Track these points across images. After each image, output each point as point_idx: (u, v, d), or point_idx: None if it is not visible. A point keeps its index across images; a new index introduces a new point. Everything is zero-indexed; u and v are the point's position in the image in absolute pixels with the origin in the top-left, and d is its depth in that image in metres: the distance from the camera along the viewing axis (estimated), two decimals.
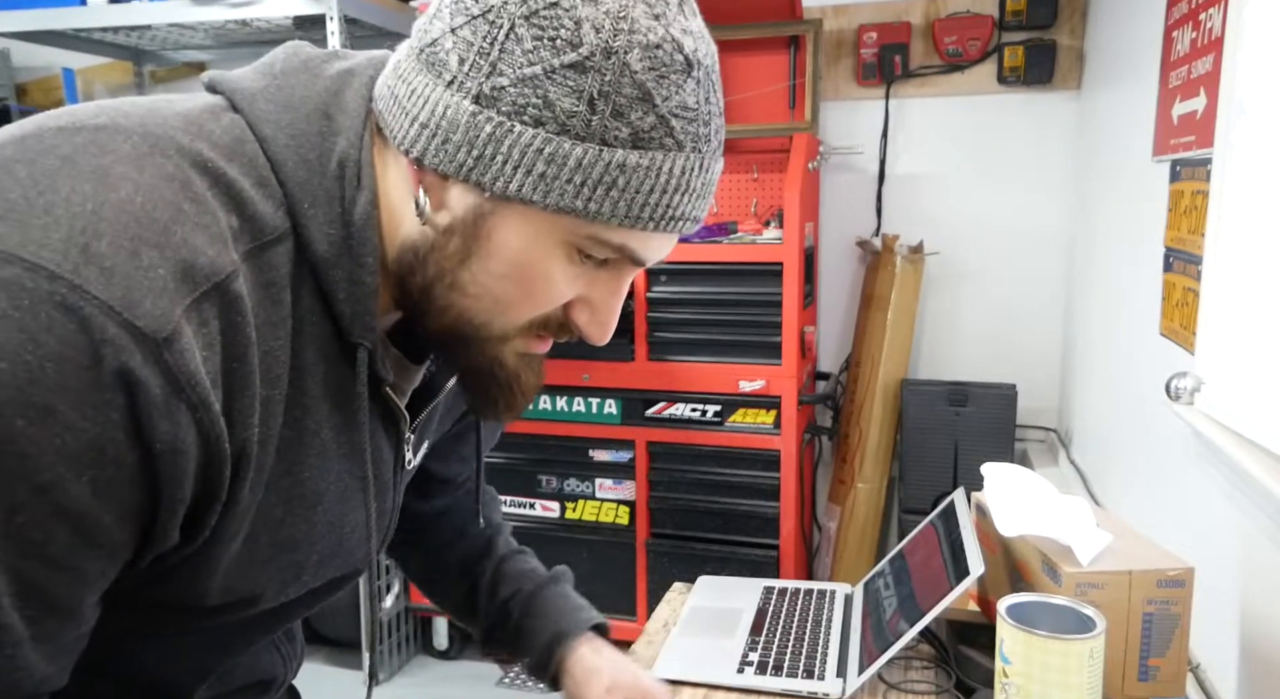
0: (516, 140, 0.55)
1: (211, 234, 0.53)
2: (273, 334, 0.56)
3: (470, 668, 2.67)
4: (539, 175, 0.55)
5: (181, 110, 0.58)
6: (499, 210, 0.57)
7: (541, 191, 0.55)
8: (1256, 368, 1.12)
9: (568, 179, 0.55)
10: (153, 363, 0.48)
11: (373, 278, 0.59)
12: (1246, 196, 1.16)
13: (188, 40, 2.86)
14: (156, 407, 0.49)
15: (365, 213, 0.59)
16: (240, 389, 0.54)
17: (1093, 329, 2.20)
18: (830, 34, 2.64)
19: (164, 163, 0.53)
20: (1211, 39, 1.33)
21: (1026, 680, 0.85)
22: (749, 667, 1.09)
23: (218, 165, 0.55)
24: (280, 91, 0.60)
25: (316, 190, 0.58)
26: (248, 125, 0.59)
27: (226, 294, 0.52)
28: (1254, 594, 1.09)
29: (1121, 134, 1.96)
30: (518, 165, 0.55)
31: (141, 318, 0.48)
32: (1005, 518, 1.06)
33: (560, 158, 0.54)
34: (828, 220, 2.76)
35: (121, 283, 0.48)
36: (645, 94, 0.54)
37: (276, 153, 0.58)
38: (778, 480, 2.32)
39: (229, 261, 0.53)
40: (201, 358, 0.51)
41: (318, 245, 0.58)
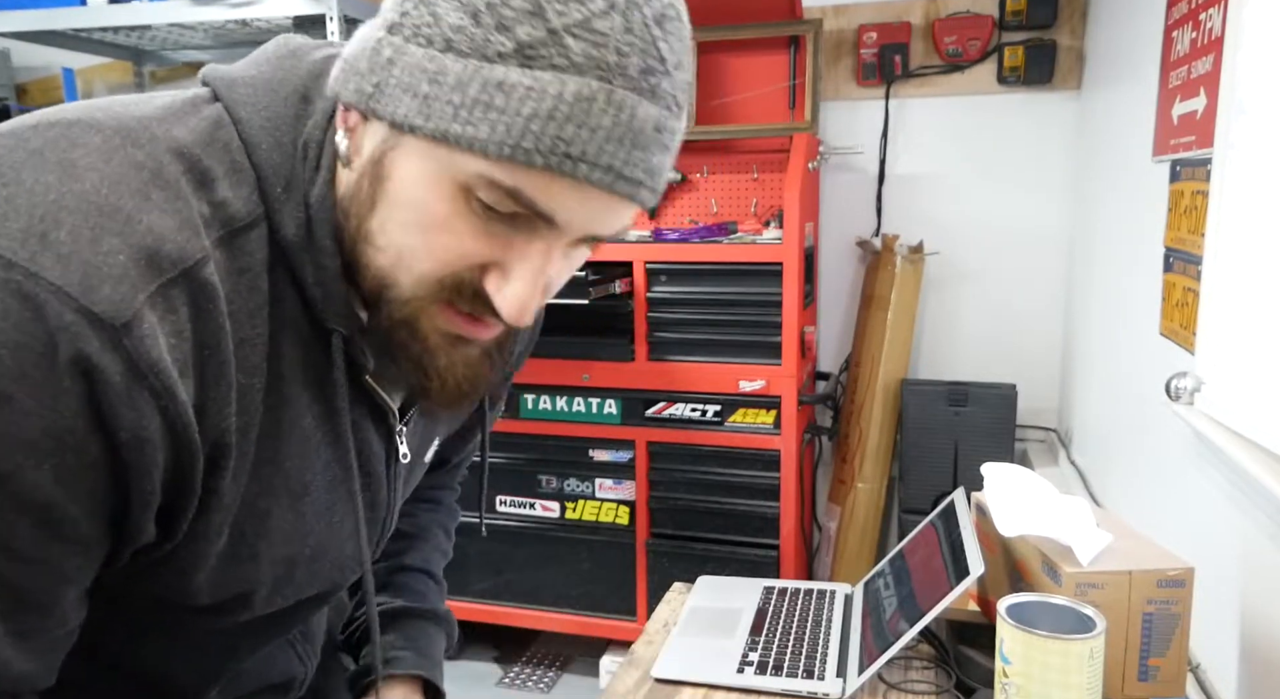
0: (406, 61, 0.52)
1: (181, 220, 0.52)
2: (249, 322, 0.56)
3: (470, 668, 2.67)
4: (422, 97, 0.52)
5: (162, 103, 0.58)
6: (397, 145, 0.54)
7: (423, 114, 0.52)
8: (1256, 368, 1.12)
9: (447, 99, 0.51)
10: (111, 349, 0.47)
11: (332, 261, 0.58)
12: (1246, 196, 1.16)
13: (188, 40, 2.86)
14: (117, 394, 0.48)
15: (321, 194, 0.57)
16: (214, 378, 0.53)
17: (1093, 329, 2.20)
18: (830, 34, 2.64)
19: (134, 153, 0.53)
20: (1211, 39, 1.33)
21: (1026, 680, 0.85)
22: (749, 667, 1.09)
23: (192, 152, 0.55)
24: (262, 77, 0.60)
25: (288, 174, 0.57)
26: (226, 111, 0.58)
27: (195, 281, 0.51)
28: (1254, 594, 1.09)
29: (1121, 134, 1.96)
30: (405, 87, 0.52)
31: (99, 304, 0.47)
32: (1005, 518, 1.06)
33: (442, 75, 0.51)
34: (828, 220, 2.76)
35: (79, 269, 0.47)
36: (537, 7, 0.50)
37: (251, 136, 0.57)
38: (778, 480, 2.32)
39: (198, 248, 0.52)
40: (168, 345, 0.50)
41: (286, 230, 0.57)
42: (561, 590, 2.51)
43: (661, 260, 2.33)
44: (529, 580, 2.53)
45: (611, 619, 2.48)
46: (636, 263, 2.34)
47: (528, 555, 2.53)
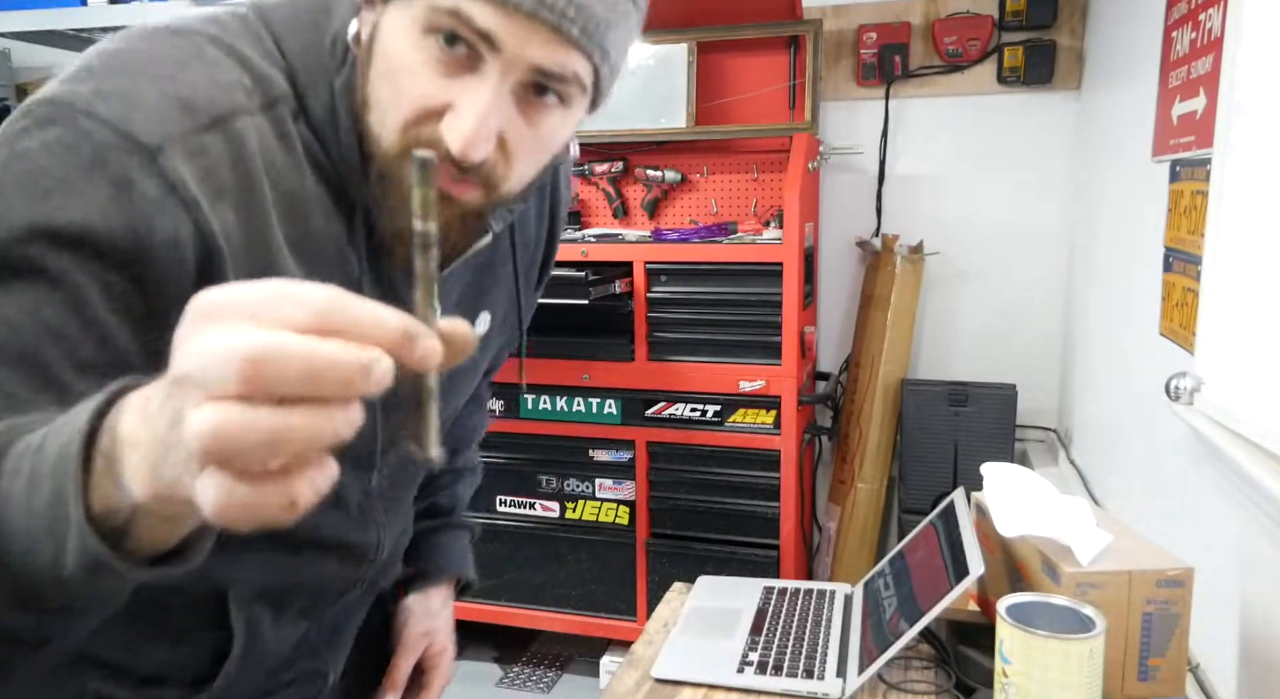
0: None
1: (217, 81, 0.61)
2: (289, 178, 0.63)
3: (470, 668, 2.67)
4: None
5: (207, 12, 0.68)
6: (384, 12, 0.62)
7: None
8: (1256, 368, 1.12)
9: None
10: (148, 164, 0.57)
11: (349, 136, 0.65)
12: (1246, 196, 1.16)
13: None
14: (153, 204, 0.57)
15: (345, 80, 0.65)
16: (253, 216, 0.61)
17: (1093, 329, 2.20)
18: (830, 34, 2.64)
19: (176, 38, 0.63)
20: (1211, 39, 1.33)
21: (1026, 680, 0.85)
22: (749, 667, 1.09)
23: (228, 40, 0.64)
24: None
25: (313, 65, 0.65)
26: (259, 16, 0.67)
27: (229, 130, 0.60)
28: (1254, 594, 1.09)
29: (1121, 134, 1.96)
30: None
31: (136, 129, 0.57)
32: (1005, 518, 1.06)
33: None
34: (828, 220, 2.76)
35: (119, 104, 0.57)
36: None
37: (281, 32, 0.66)
38: (778, 480, 2.31)
39: (232, 104, 0.61)
40: (198, 177, 0.58)
41: (315, 111, 0.65)
42: (561, 590, 2.51)
43: (661, 260, 2.33)
44: (529, 580, 2.53)
45: (611, 619, 2.48)
46: (636, 263, 2.34)
47: (528, 555, 2.53)
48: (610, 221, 2.82)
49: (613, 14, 0.61)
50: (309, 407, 0.35)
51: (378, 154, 0.63)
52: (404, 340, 0.37)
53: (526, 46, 0.59)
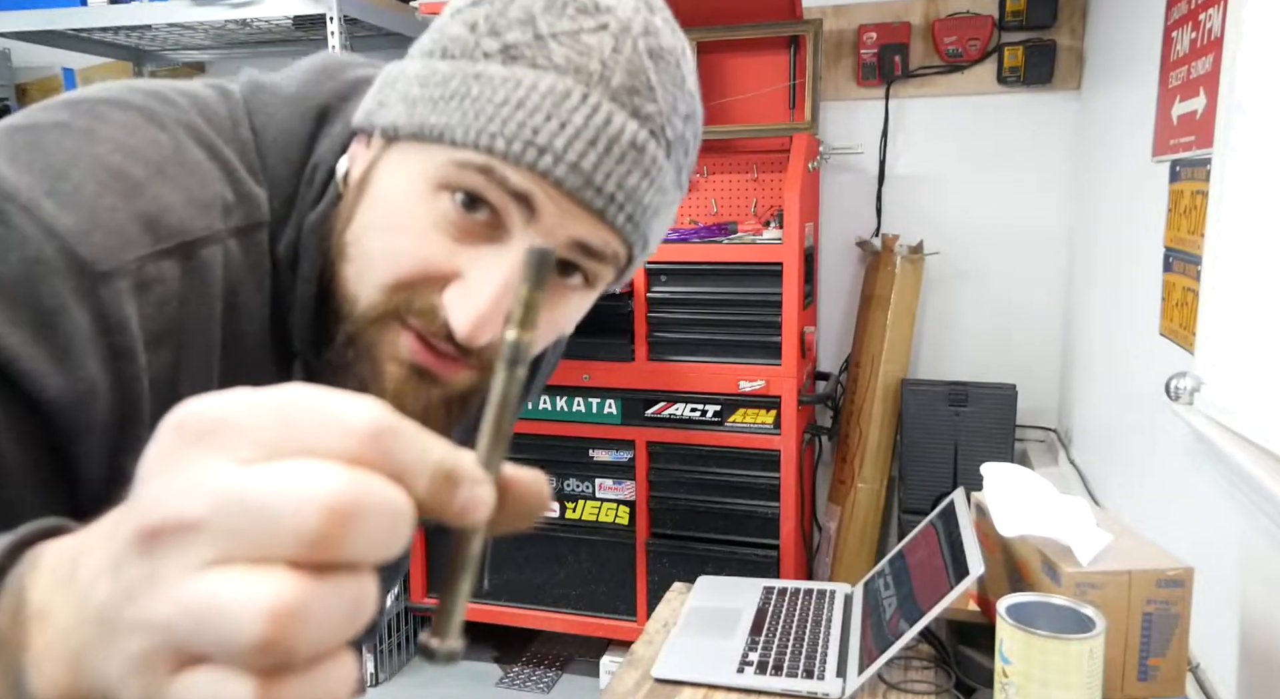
0: (406, 73, 0.54)
1: (192, 198, 0.52)
2: (250, 318, 0.55)
3: (470, 668, 2.67)
4: (410, 101, 0.52)
5: (194, 91, 0.58)
6: (384, 154, 0.54)
7: (408, 115, 0.52)
8: (1256, 368, 1.12)
9: (429, 97, 0.52)
10: (85, 294, 0.47)
11: (306, 287, 0.56)
12: (1246, 196, 1.16)
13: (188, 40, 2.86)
14: (83, 341, 0.47)
15: (314, 221, 0.56)
16: (193, 359, 0.51)
17: (1093, 329, 2.20)
18: (830, 34, 2.64)
19: (158, 133, 0.53)
20: (1211, 39, 1.33)
21: (1026, 680, 0.85)
22: (749, 667, 1.09)
23: (214, 141, 0.55)
24: (287, 88, 0.59)
25: (290, 191, 0.56)
26: (247, 116, 0.58)
27: (193, 258, 0.51)
28: (1254, 594, 1.09)
29: (1121, 134, 1.96)
30: (401, 96, 0.53)
31: (84, 247, 0.47)
32: (1005, 518, 1.06)
33: (430, 78, 0.52)
34: (828, 220, 2.76)
35: (73, 213, 0.47)
36: (529, 17, 0.51)
37: (263, 145, 0.57)
38: (778, 480, 2.32)
39: (203, 227, 0.51)
40: (144, 312, 0.49)
41: (280, 245, 0.56)
42: (561, 590, 2.51)
43: (661, 260, 2.33)
44: (529, 580, 2.53)
45: (611, 619, 2.48)
46: None
47: (528, 555, 2.53)
48: None
49: (661, 201, 0.55)
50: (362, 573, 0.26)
51: (350, 314, 0.54)
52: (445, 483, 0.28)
53: (567, 220, 0.52)
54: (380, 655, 2.58)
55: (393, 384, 0.54)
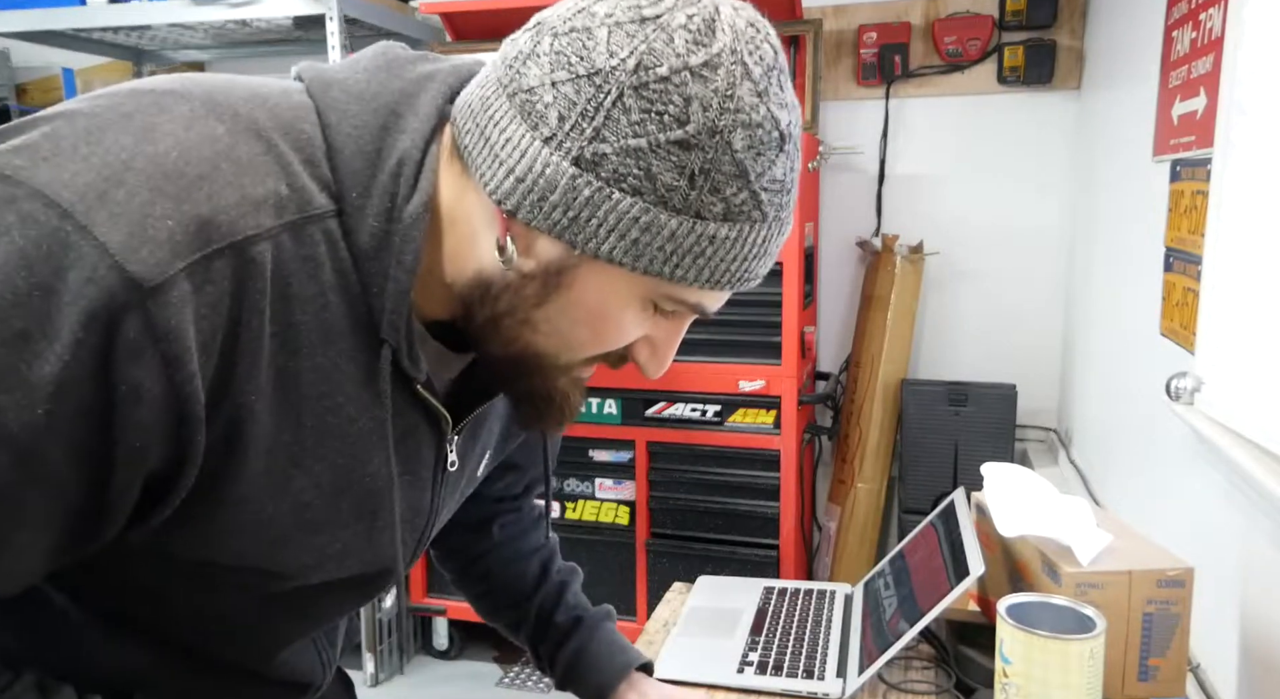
0: (614, 207, 0.56)
1: (245, 195, 0.54)
2: (303, 307, 0.57)
3: (470, 668, 2.67)
4: (632, 241, 0.56)
5: (255, 85, 0.60)
6: (584, 266, 0.58)
7: (633, 256, 0.57)
8: (1256, 368, 1.12)
9: (659, 247, 0.57)
10: (134, 308, 0.49)
11: (408, 277, 0.59)
12: (1246, 196, 1.16)
13: (188, 40, 2.86)
14: (128, 351, 0.49)
15: (415, 214, 0.59)
16: (246, 353, 0.54)
17: (1093, 329, 2.20)
18: (830, 34, 2.64)
19: (215, 126, 0.55)
20: (1211, 39, 1.33)
21: (1026, 680, 0.85)
22: (749, 667, 1.09)
23: (270, 135, 0.57)
24: (356, 84, 0.61)
25: (369, 182, 0.58)
26: (315, 109, 0.60)
27: (243, 255, 0.53)
28: (1254, 594, 1.09)
29: (1121, 134, 1.96)
30: (612, 230, 0.56)
31: (134, 263, 0.49)
32: (1005, 518, 1.06)
33: (656, 228, 0.56)
34: (828, 220, 2.76)
35: (124, 228, 0.49)
36: (742, 171, 0.56)
37: (335, 139, 0.59)
38: (778, 480, 2.31)
39: (253, 225, 0.53)
40: (197, 315, 0.51)
41: (359, 235, 0.58)
42: None
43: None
44: None
45: None
46: None
47: None
48: None
49: None
50: None
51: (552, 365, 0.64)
52: None
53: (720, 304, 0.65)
54: (380, 655, 2.58)
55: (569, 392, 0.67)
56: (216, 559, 0.62)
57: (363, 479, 0.64)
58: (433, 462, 0.71)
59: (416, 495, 0.71)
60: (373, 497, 0.66)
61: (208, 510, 0.58)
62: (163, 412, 0.52)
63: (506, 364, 0.64)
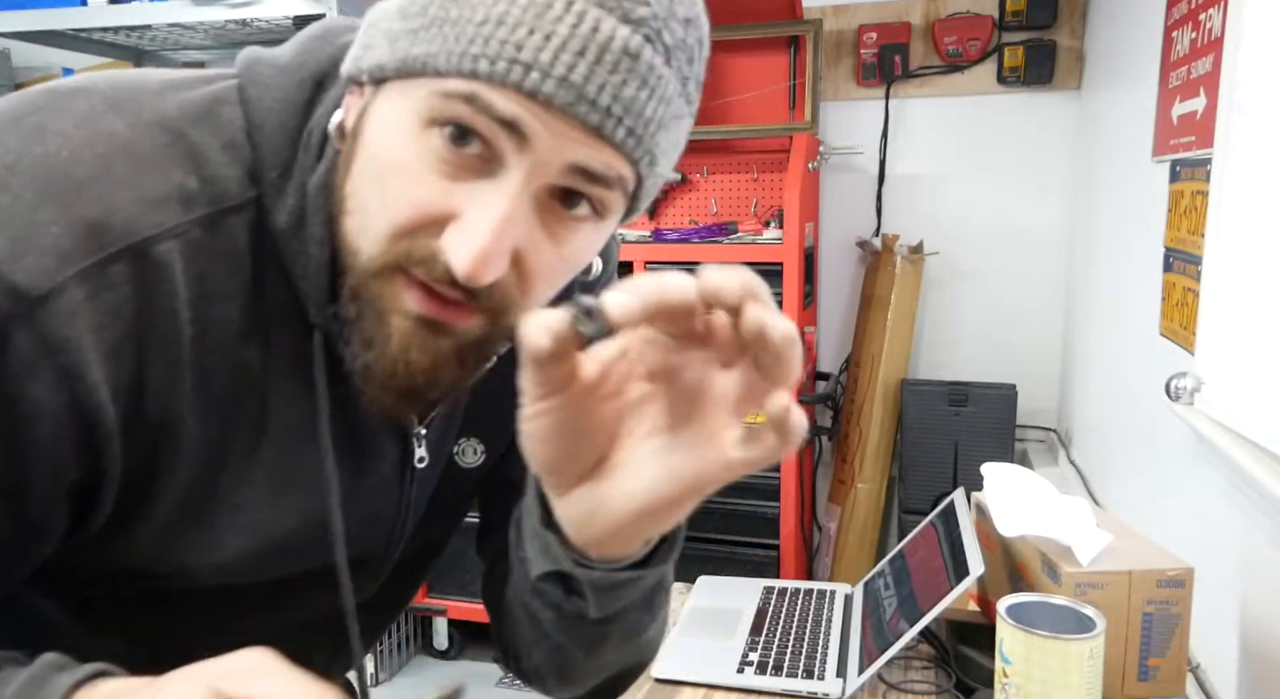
0: (385, 9, 0.51)
1: (142, 194, 0.50)
2: (225, 304, 0.53)
3: (470, 668, 2.67)
4: (392, 38, 0.50)
5: (173, 76, 0.57)
6: (374, 100, 0.51)
7: (392, 51, 0.49)
8: (1256, 368, 1.12)
9: (409, 28, 0.49)
10: (23, 320, 0.46)
11: (320, 250, 0.54)
12: (1246, 196, 1.16)
13: (188, 40, 2.86)
14: (24, 367, 0.47)
15: (319, 182, 0.54)
16: (161, 358, 0.51)
17: (1093, 329, 2.20)
18: (830, 34, 2.64)
19: (113, 121, 0.51)
20: (1211, 39, 1.33)
21: (1026, 680, 0.85)
22: (749, 667, 1.09)
23: (180, 126, 0.53)
24: (284, 58, 0.57)
25: (288, 159, 0.54)
26: (239, 89, 0.56)
27: (144, 257, 0.50)
28: (1254, 594, 1.09)
29: (1121, 134, 1.96)
30: (383, 34, 0.51)
31: (19, 272, 0.46)
32: (1005, 518, 1.06)
33: (408, 7, 0.50)
34: (828, 220, 2.76)
35: (6, 236, 0.47)
36: None
37: (255, 116, 0.55)
38: (778, 480, 2.31)
39: (154, 223, 0.50)
40: (96, 324, 0.48)
41: (277, 216, 0.54)
42: None
43: (661, 260, 2.33)
44: None
45: None
46: (637, 263, 2.33)
47: None
48: None
49: (665, 113, 0.51)
50: None
51: (354, 267, 0.52)
52: None
53: (563, 145, 0.48)
54: (380, 655, 2.58)
55: (399, 338, 0.52)
56: (154, 568, 0.60)
57: (302, 477, 0.60)
58: (397, 458, 0.66)
59: (376, 495, 0.66)
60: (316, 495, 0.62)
61: (142, 519, 0.56)
62: (70, 426, 0.49)
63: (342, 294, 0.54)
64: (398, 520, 0.69)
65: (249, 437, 0.57)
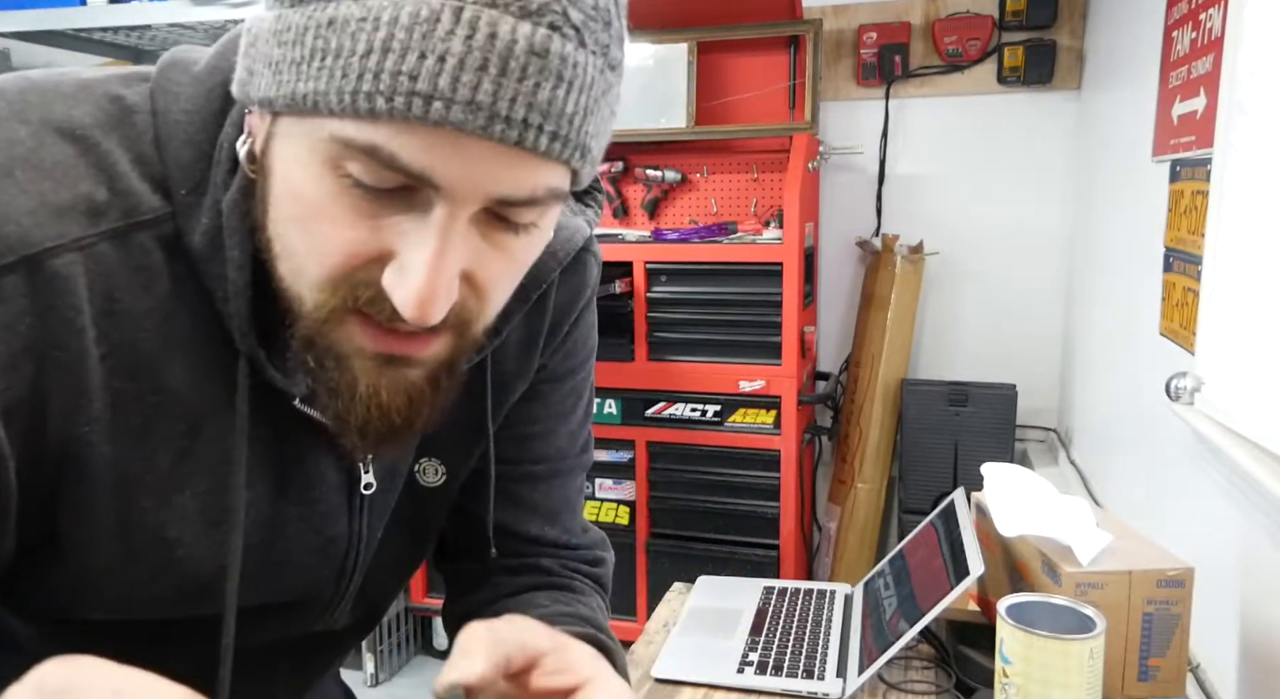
0: (261, 32, 0.46)
1: (42, 204, 0.47)
2: (140, 323, 0.50)
3: None
4: (274, 66, 0.45)
5: (90, 78, 0.53)
6: (273, 133, 0.47)
7: (278, 82, 0.44)
8: (1256, 368, 1.12)
9: (291, 58, 0.44)
10: None
11: (240, 274, 0.51)
12: (1246, 196, 1.16)
13: (188, 40, 2.86)
14: None
15: (233, 200, 0.50)
16: (66, 379, 0.48)
17: (1093, 329, 2.20)
18: (830, 34, 2.64)
19: (17, 128, 0.49)
20: (1211, 39, 1.33)
21: (1026, 680, 0.85)
22: (749, 667, 1.09)
23: (90, 135, 0.50)
24: (199, 63, 0.54)
25: (199, 176, 0.51)
26: (150, 95, 0.53)
27: (40, 270, 0.46)
28: (1254, 594, 1.09)
29: (1121, 134, 1.96)
30: (264, 60, 0.46)
31: None
32: (1005, 518, 1.06)
33: (285, 33, 0.44)
34: (828, 220, 2.76)
35: None
36: None
37: (164, 129, 0.51)
38: (778, 480, 2.31)
39: (53, 235, 0.47)
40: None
41: (191, 237, 0.51)
42: None
43: (661, 260, 2.33)
44: None
45: (612, 619, 2.47)
46: (636, 263, 2.34)
47: None
48: (610, 221, 2.82)
49: (588, 98, 0.45)
50: None
51: (301, 314, 0.49)
52: None
53: (481, 179, 0.45)
54: (380, 655, 2.58)
55: (365, 380, 0.50)
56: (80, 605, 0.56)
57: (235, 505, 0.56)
58: (343, 484, 0.63)
59: (324, 523, 0.62)
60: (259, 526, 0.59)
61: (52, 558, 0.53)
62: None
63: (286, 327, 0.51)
64: (350, 548, 0.66)
65: (175, 466, 0.54)
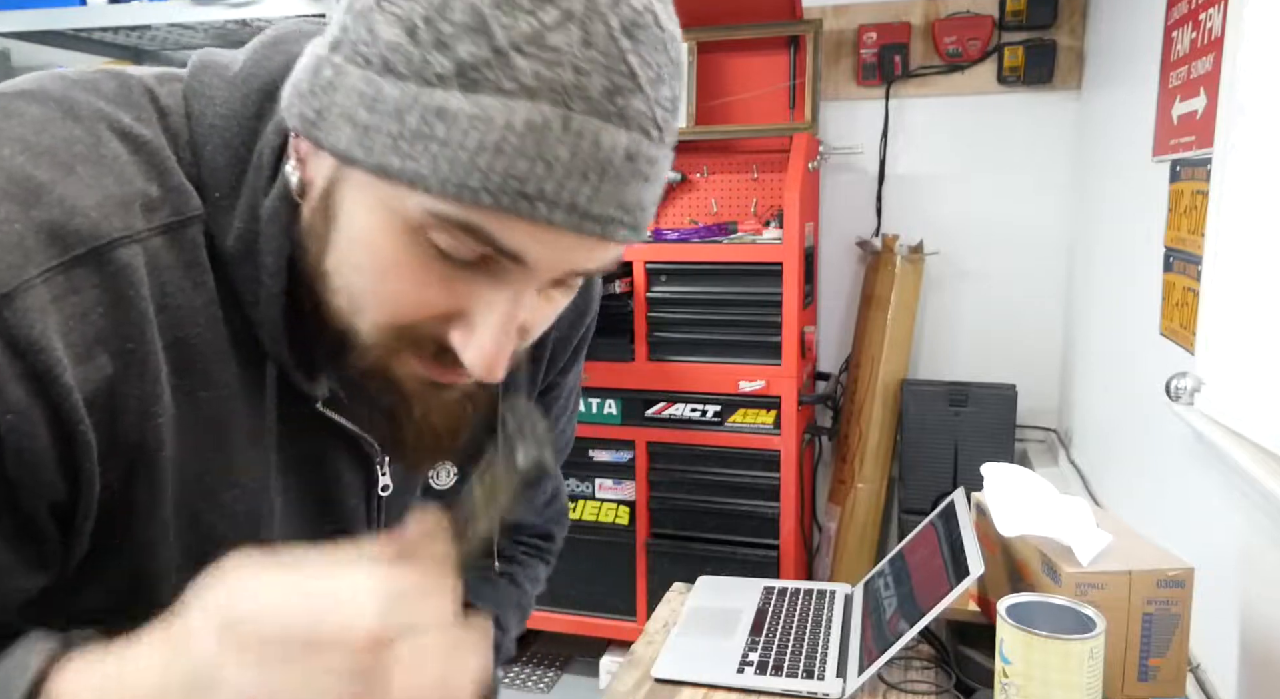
0: (345, 83, 0.46)
1: (106, 197, 0.48)
2: (192, 319, 0.51)
3: None
4: (361, 127, 0.45)
5: (128, 78, 0.55)
6: (343, 179, 0.48)
7: (363, 146, 0.45)
8: (1256, 368, 1.12)
9: (385, 129, 0.45)
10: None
11: (274, 281, 0.52)
12: (1246, 196, 1.16)
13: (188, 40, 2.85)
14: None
15: (273, 208, 0.51)
16: (139, 368, 0.49)
17: (1093, 329, 2.20)
18: (830, 34, 2.64)
19: (72, 126, 0.50)
20: (1211, 39, 1.33)
21: (1026, 680, 0.85)
22: (749, 667, 1.09)
23: (139, 133, 0.51)
24: (234, 67, 0.54)
25: (233, 179, 0.52)
26: (185, 99, 0.54)
27: (109, 262, 0.47)
28: (1254, 594, 1.09)
29: (1121, 134, 1.96)
30: (344, 113, 0.46)
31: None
32: (1005, 518, 1.06)
33: (379, 101, 0.45)
34: (828, 220, 2.76)
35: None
36: (479, 22, 0.43)
37: (200, 132, 0.53)
38: (778, 480, 2.31)
39: (119, 227, 0.48)
40: (63, 327, 0.46)
41: (223, 240, 0.52)
42: (561, 590, 2.51)
43: (661, 260, 2.33)
44: None
45: (611, 619, 2.48)
46: (636, 263, 2.34)
47: None
48: None
49: (659, 186, 0.49)
50: None
51: (356, 344, 0.51)
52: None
53: (563, 261, 0.48)
54: None
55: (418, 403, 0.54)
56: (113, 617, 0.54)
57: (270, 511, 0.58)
58: (361, 487, 0.64)
59: (345, 525, 0.64)
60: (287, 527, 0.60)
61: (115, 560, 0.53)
62: (48, 435, 0.46)
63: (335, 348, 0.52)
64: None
65: (224, 466, 0.55)
